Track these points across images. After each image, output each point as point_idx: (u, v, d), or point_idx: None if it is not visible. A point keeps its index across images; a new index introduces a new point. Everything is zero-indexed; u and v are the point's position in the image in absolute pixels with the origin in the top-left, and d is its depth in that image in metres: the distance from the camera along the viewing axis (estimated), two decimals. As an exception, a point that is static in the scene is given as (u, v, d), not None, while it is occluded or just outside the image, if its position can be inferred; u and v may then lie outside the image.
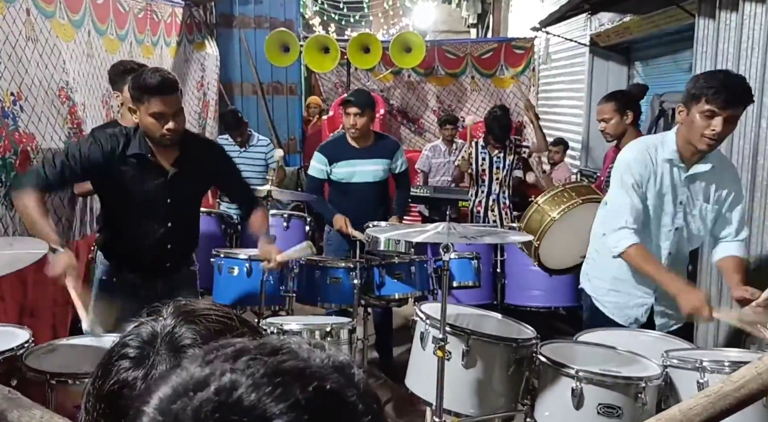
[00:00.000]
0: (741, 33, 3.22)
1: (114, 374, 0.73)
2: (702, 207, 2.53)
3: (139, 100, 2.38)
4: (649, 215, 2.53)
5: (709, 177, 2.50)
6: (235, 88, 6.89)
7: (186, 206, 2.66)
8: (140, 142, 2.48)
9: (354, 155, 3.83)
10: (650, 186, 2.50)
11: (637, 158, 2.51)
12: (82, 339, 2.13)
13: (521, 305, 4.06)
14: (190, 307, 0.78)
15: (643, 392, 2.02)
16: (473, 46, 7.17)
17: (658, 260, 2.51)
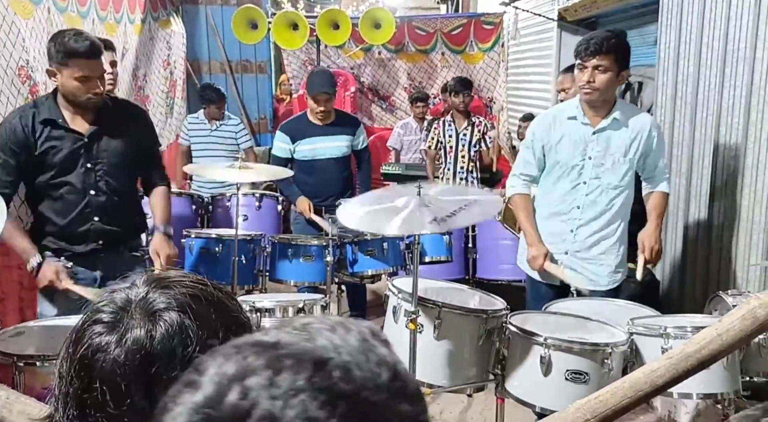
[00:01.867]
0: (704, 6, 3.27)
1: (87, 338, 0.73)
2: (616, 159, 2.66)
3: (62, 63, 2.33)
4: (559, 169, 2.72)
5: (621, 131, 2.66)
6: (203, 66, 6.77)
7: (108, 173, 2.50)
8: (50, 107, 2.44)
9: (316, 132, 3.83)
10: (555, 143, 2.72)
11: (540, 120, 2.84)
12: (50, 322, 2.11)
13: (492, 279, 4.11)
14: (164, 275, 0.79)
15: (609, 358, 2.07)
16: (443, 22, 7.14)
17: (532, 212, 2.80)
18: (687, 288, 3.54)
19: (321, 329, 0.49)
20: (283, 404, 0.42)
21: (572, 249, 2.76)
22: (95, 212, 2.50)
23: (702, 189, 3.37)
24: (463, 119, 4.95)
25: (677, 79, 3.54)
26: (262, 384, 0.43)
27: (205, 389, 0.45)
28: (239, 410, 0.42)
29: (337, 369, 0.45)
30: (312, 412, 0.42)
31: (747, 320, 1.33)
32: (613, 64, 2.55)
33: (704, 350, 1.34)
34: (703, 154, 3.35)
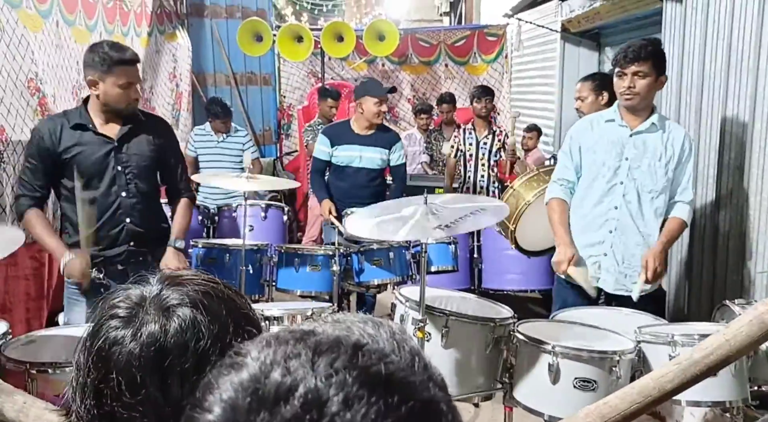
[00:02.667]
0: (707, 17, 3.29)
1: (104, 332, 0.77)
2: (651, 163, 2.72)
3: (107, 72, 2.45)
4: (596, 169, 2.77)
5: (657, 136, 2.73)
6: (208, 78, 6.82)
7: (137, 176, 2.61)
8: (80, 114, 2.56)
9: (355, 140, 3.94)
10: (592, 143, 2.80)
11: (577, 124, 2.94)
12: (60, 330, 2.13)
13: (498, 289, 4.12)
14: (176, 273, 0.82)
15: (617, 365, 2.08)
16: (446, 34, 7.19)
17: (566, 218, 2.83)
18: (693, 297, 3.53)
19: (354, 321, 0.52)
20: (325, 382, 0.43)
21: (611, 252, 2.77)
22: (126, 214, 2.60)
23: (707, 198, 3.38)
24: (484, 127, 4.97)
25: (681, 90, 3.56)
26: (303, 364, 0.45)
27: (250, 368, 0.46)
28: (284, 386, 0.44)
29: (374, 353, 0.47)
30: (353, 390, 0.43)
31: (754, 325, 1.34)
32: (651, 70, 2.65)
33: (712, 355, 1.34)
34: (708, 163, 3.36)
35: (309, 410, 0.42)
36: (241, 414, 0.44)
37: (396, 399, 0.44)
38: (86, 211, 2.49)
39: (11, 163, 3.24)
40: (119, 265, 2.60)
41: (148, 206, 2.66)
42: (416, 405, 0.44)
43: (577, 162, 2.84)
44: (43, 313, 3.48)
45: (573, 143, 2.86)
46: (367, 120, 3.92)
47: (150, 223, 2.67)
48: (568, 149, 2.87)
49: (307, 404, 0.42)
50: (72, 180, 2.55)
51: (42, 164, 2.53)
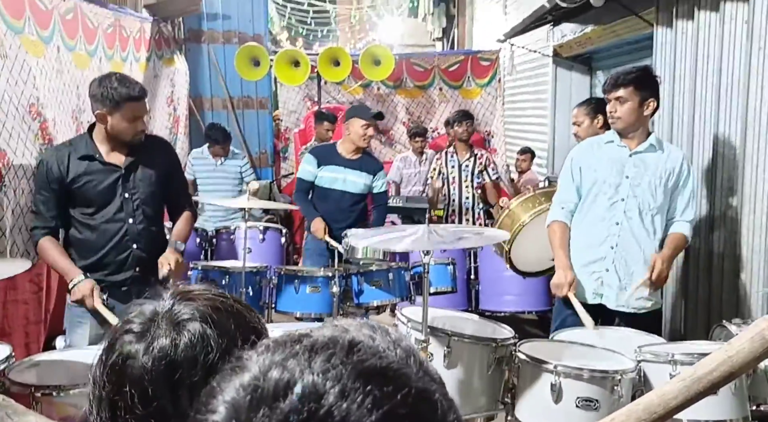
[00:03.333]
0: (697, 41, 3.38)
1: (118, 346, 0.79)
2: (651, 181, 2.79)
3: (116, 107, 2.50)
4: (597, 187, 2.83)
5: (656, 156, 2.82)
6: (205, 102, 6.88)
7: (144, 202, 2.65)
8: (86, 144, 2.60)
9: (341, 162, 3.97)
10: (593, 163, 2.88)
11: (578, 147, 3.04)
12: (64, 354, 2.13)
13: (495, 310, 4.14)
14: (187, 289, 0.85)
15: (619, 384, 2.09)
16: (440, 59, 7.29)
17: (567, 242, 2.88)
18: (689, 317, 3.56)
19: (351, 324, 0.55)
20: (321, 377, 0.46)
21: (612, 267, 2.81)
22: (133, 240, 2.63)
23: (702, 219, 3.43)
24: (465, 150, 5.05)
25: (673, 112, 3.63)
26: (300, 362, 0.47)
27: (251, 370, 0.49)
28: (282, 382, 0.46)
29: (369, 349, 0.49)
30: (349, 384, 0.45)
31: (756, 341, 1.36)
32: (632, 95, 2.74)
33: (716, 372, 1.37)
34: (701, 184, 3.41)
35: (307, 403, 0.44)
36: (243, 412, 0.46)
37: (391, 388, 0.46)
38: None
39: (12, 187, 3.25)
40: (123, 287, 2.62)
41: (153, 232, 2.70)
42: (411, 393, 0.46)
43: (578, 182, 2.90)
44: (41, 337, 3.47)
45: (574, 165, 2.92)
46: (353, 143, 3.95)
47: (155, 248, 2.69)
48: (569, 171, 2.93)
49: (304, 397, 0.44)
50: (80, 208, 2.59)
51: (53, 195, 2.57)
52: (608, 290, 2.81)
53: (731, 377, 1.39)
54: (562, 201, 2.93)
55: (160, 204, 2.76)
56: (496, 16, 8.55)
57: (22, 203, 3.26)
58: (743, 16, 3.02)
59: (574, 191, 2.90)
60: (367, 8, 12.09)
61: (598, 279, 2.83)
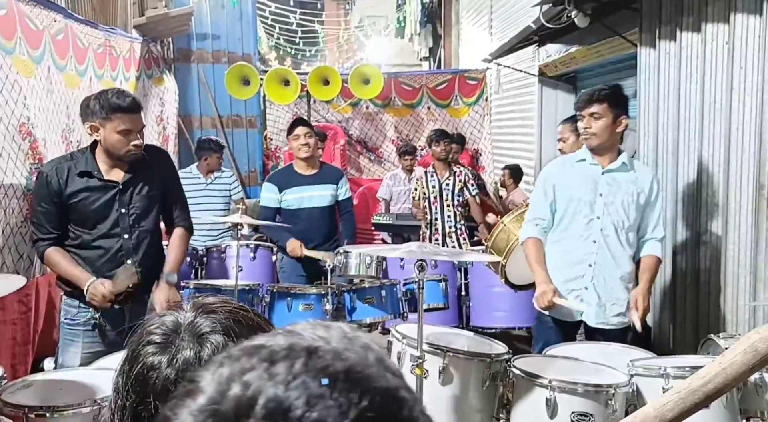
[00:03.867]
0: (680, 61, 3.46)
1: (141, 358, 0.80)
2: (624, 199, 2.84)
3: (107, 117, 2.50)
4: (573, 206, 2.87)
5: (627, 175, 2.87)
6: (194, 121, 6.90)
7: (140, 217, 2.65)
8: (87, 160, 2.60)
9: (302, 181, 3.98)
10: (567, 181, 2.91)
11: (550, 165, 3.10)
12: (56, 374, 2.11)
13: (486, 326, 4.15)
14: (207, 301, 0.86)
15: (612, 398, 2.12)
16: (428, 78, 7.39)
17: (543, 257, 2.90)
18: (678, 331, 3.60)
19: (304, 327, 0.52)
20: (285, 387, 0.43)
21: (591, 285, 2.84)
22: (127, 255, 2.61)
23: (688, 236, 3.48)
24: (445, 169, 5.10)
25: (658, 130, 3.71)
26: (261, 375, 0.44)
27: (206, 392, 0.45)
28: (244, 400, 0.43)
29: (329, 353, 0.47)
30: (314, 389, 0.43)
31: (749, 354, 1.39)
32: (606, 111, 2.79)
33: (710, 383, 1.39)
34: (686, 200, 3.48)
35: (273, 418, 0.42)
36: None
37: (358, 391, 0.44)
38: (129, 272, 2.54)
39: (2, 206, 3.23)
40: (116, 305, 2.60)
41: (148, 247, 2.69)
42: (377, 393, 0.45)
43: (551, 200, 2.93)
44: (29, 358, 3.42)
45: (547, 183, 2.96)
46: (299, 158, 4.00)
47: (150, 265, 2.68)
48: (542, 189, 2.97)
49: (270, 413, 0.42)
50: (75, 223, 2.59)
51: (53, 207, 2.57)
52: (588, 307, 2.85)
53: (726, 389, 1.42)
54: (536, 218, 2.96)
55: (157, 218, 2.74)
56: (481, 36, 8.68)
57: (12, 222, 3.24)
58: (724, 37, 3.10)
59: (547, 207, 2.94)
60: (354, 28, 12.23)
61: (577, 297, 2.86)
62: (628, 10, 4.07)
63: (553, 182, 2.93)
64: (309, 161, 4.01)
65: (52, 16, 4.12)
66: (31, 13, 3.81)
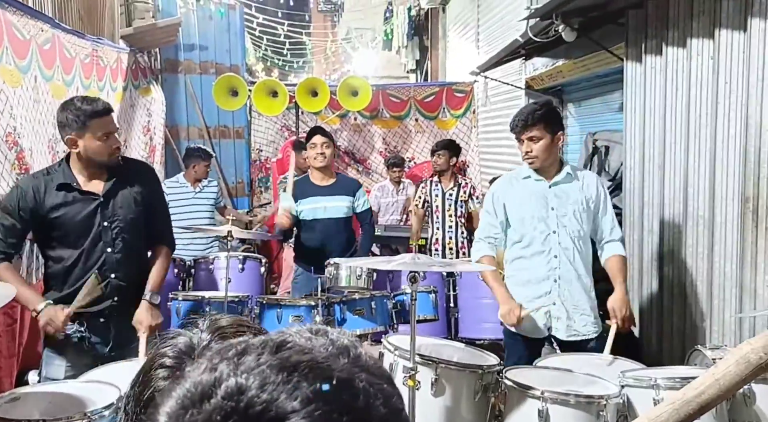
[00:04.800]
0: (666, 76, 3.51)
1: (152, 382, 0.78)
2: (575, 209, 2.89)
3: (84, 127, 2.46)
4: (528, 224, 2.90)
5: (573, 185, 2.92)
6: (182, 132, 6.87)
7: (124, 230, 2.59)
8: (64, 172, 2.55)
9: (318, 192, 4.00)
10: (517, 199, 2.94)
11: (498, 183, 3.10)
12: (44, 387, 2.08)
13: (475, 338, 4.16)
14: (223, 323, 0.84)
15: (604, 410, 2.12)
16: (416, 90, 7.43)
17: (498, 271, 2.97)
18: (665, 343, 3.63)
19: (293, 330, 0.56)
20: (246, 375, 0.48)
21: (559, 300, 2.87)
22: (111, 269, 2.57)
23: (675, 248, 3.52)
24: (450, 179, 5.15)
25: (644, 143, 3.75)
26: (230, 365, 0.50)
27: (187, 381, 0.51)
28: (209, 385, 0.49)
29: (297, 346, 0.52)
30: (272, 378, 0.48)
31: (741, 364, 1.41)
32: (543, 132, 2.84)
33: (704, 394, 1.41)
34: (672, 213, 3.52)
35: (229, 400, 0.47)
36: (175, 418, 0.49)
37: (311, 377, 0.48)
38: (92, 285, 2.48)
39: (-12, 216, 3.19)
40: (101, 318, 2.56)
41: (133, 261, 2.63)
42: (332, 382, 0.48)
43: (502, 219, 2.97)
44: (14, 371, 3.37)
45: (496, 201, 2.98)
46: (314, 168, 4.03)
47: (134, 277, 2.64)
48: (491, 207, 2.99)
49: (227, 395, 0.47)
50: (60, 239, 2.52)
51: (20, 223, 2.50)
52: (557, 322, 2.89)
53: (719, 399, 1.43)
54: (488, 236, 2.99)
55: (140, 231, 2.68)
56: (468, 49, 8.76)
57: (-2, 233, 3.20)
58: (709, 52, 3.16)
59: (498, 226, 2.97)
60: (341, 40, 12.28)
61: (546, 313, 2.89)
62: (614, 25, 4.13)
63: (503, 201, 2.96)
64: (325, 172, 4.04)
65: (39, 25, 4.10)
66: (18, 22, 3.79)
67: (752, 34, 2.83)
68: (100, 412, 1.86)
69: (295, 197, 3.98)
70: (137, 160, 3.24)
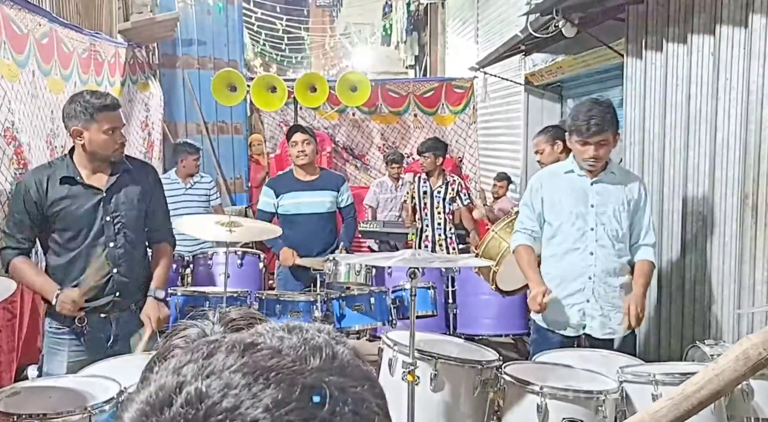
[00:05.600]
0: (666, 72, 3.51)
1: None
2: (616, 208, 2.85)
3: (90, 119, 2.47)
4: (566, 219, 2.86)
5: (616, 182, 2.88)
6: (180, 127, 6.86)
7: (126, 225, 2.60)
8: (67, 166, 2.56)
9: (300, 187, 3.98)
10: (556, 194, 2.90)
11: (538, 176, 3.04)
12: (45, 381, 2.08)
13: (473, 333, 4.16)
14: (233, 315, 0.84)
15: (602, 405, 2.13)
16: (415, 86, 7.42)
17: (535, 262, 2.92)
18: (663, 339, 3.64)
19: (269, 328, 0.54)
20: (209, 380, 0.47)
21: (593, 297, 2.85)
22: (114, 264, 2.57)
23: (674, 244, 3.52)
24: (437, 177, 5.16)
25: (644, 140, 3.75)
26: (194, 369, 0.48)
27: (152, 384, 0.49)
28: (170, 391, 0.47)
29: (266, 349, 0.49)
30: (234, 382, 0.46)
31: (740, 360, 1.41)
32: (612, 137, 2.80)
33: (703, 390, 1.41)
34: (672, 209, 3.52)
35: (191, 405, 0.45)
36: None
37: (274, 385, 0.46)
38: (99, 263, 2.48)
39: (-13, 211, 3.19)
40: (101, 314, 2.57)
41: (134, 256, 2.65)
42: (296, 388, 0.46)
43: (539, 212, 2.94)
44: (14, 366, 3.37)
45: (534, 195, 2.95)
46: (296, 164, 4.02)
47: (136, 273, 2.64)
48: (529, 201, 2.97)
49: (188, 401, 0.45)
50: (60, 232, 2.54)
51: (28, 217, 2.52)
52: (591, 320, 2.85)
53: (718, 395, 1.44)
54: (525, 229, 2.97)
55: (142, 227, 2.70)
56: (467, 45, 8.75)
57: (-3, 228, 3.19)
58: (709, 48, 3.15)
59: (535, 220, 2.95)
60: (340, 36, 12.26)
61: (579, 311, 2.86)
62: (614, 21, 4.13)
63: (541, 195, 2.93)
64: (307, 168, 4.02)
65: (37, 20, 4.08)
66: (15, 16, 3.77)
67: (753, 30, 2.82)
68: (100, 406, 1.86)
69: (276, 192, 3.98)
70: (140, 159, 3.26)
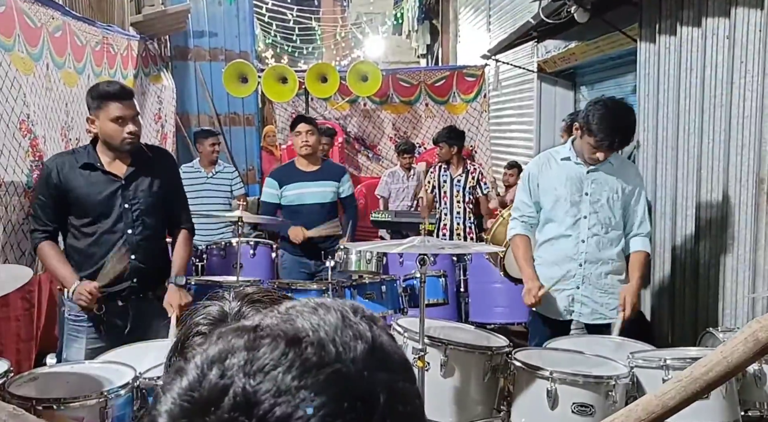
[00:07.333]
0: (680, 56, 3.47)
1: (189, 348, 0.80)
2: (610, 197, 2.85)
3: (99, 107, 2.53)
4: (559, 206, 2.87)
5: (612, 171, 2.87)
6: (192, 119, 6.91)
7: (144, 213, 2.64)
8: (89, 153, 2.62)
9: (303, 178, 4.03)
10: (551, 180, 2.89)
11: (534, 162, 3.03)
12: (62, 367, 2.12)
13: (485, 322, 4.16)
14: (249, 291, 0.86)
15: (613, 390, 2.13)
16: (426, 74, 7.39)
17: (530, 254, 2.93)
18: (677, 325, 3.62)
19: (302, 311, 0.52)
20: (256, 380, 0.44)
21: (582, 283, 2.87)
22: (132, 251, 2.61)
23: (688, 230, 3.50)
24: (458, 165, 5.16)
25: (658, 125, 3.72)
26: (239, 363, 0.46)
27: (190, 374, 0.47)
28: (217, 389, 0.45)
29: (311, 345, 0.47)
30: (284, 384, 0.44)
31: (749, 342, 1.41)
32: None
33: (711, 372, 1.41)
34: (686, 195, 3.49)
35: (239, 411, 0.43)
36: None
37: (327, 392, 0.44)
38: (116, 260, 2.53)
39: (3, 203, 3.23)
40: (120, 301, 2.61)
41: (152, 243, 2.69)
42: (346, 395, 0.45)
43: (536, 198, 2.95)
44: (32, 354, 3.43)
45: (531, 181, 2.96)
46: (300, 154, 4.05)
47: (154, 260, 2.69)
48: (526, 186, 2.98)
49: (236, 405, 0.43)
50: (78, 218, 2.59)
51: (50, 201, 2.58)
52: (581, 307, 2.89)
53: (726, 377, 1.43)
54: (522, 215, 2.98)
55: (161, 215, 2.73)
56: (479, 33, 8.69)
57: (14, 219, 3.24)
58: (725, 32, 3.11)
59: (532, 206, 2.95)
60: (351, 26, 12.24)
61: (569, 296, 2.89)
62: (628, 5, 4.08)
63: (537, 181, 2.94)
64: (310, 158, 4.05)
65: (50, 13, 4.12)
66: (29, 10, 3.81)
67: None
68: (116, 391, 1.89)
69: (279, 183, 4.02)
70: (158, 146, 3.30)
